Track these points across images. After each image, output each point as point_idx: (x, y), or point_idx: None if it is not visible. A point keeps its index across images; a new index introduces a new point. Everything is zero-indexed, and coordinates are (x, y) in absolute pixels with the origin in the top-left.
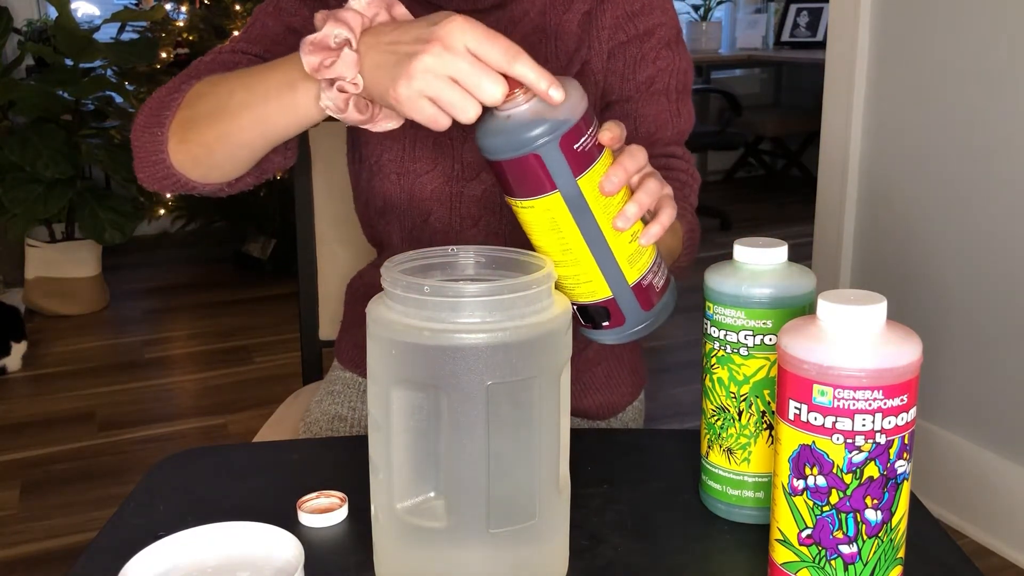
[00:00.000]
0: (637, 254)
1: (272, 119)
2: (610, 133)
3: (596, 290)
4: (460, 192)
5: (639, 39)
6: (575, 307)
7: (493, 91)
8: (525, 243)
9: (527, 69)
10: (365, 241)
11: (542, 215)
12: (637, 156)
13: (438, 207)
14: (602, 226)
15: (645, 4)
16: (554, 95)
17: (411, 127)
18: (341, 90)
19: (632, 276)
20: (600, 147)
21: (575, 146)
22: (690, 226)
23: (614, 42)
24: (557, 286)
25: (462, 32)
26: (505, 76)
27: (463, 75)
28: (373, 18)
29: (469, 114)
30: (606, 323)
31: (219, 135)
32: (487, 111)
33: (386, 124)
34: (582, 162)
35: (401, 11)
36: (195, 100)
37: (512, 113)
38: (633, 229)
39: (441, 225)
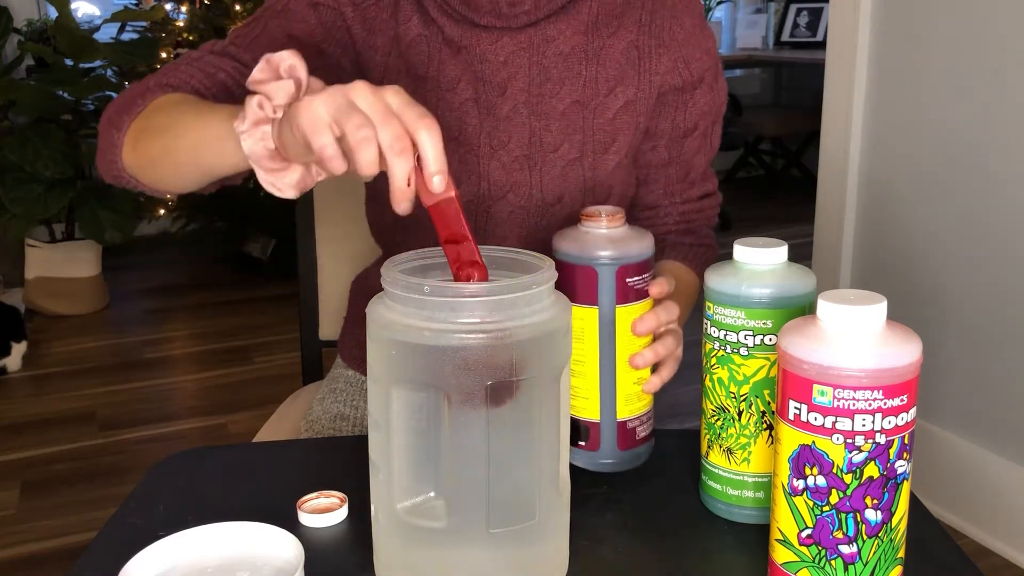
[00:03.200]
0: (636, 397)
1: (206, 160)
2: (659, 288)
3: (588, 409)
4: (486, 212)
5: (691, 85)
6: None
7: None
8: None
9: (430, 142)
10: (366, 241)
11: (575, 322)
12: (671, 311)
13: None
14: (618, 356)
15: (697, 47)
16: (436, 182)
17: None
18: (261, 109)
19: (622, 413)
20: (645, 293)
21: (628, 280)
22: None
23: (666, 86)
24: None
25: (374, 90)
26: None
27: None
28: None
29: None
30: (582, 443)
31: (161, 155)
32: (572, 225)
33: (287, 179)
34: (627, 295)
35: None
36: (153, 113)
37: (591, 231)
38: (640, 374)
39: None
